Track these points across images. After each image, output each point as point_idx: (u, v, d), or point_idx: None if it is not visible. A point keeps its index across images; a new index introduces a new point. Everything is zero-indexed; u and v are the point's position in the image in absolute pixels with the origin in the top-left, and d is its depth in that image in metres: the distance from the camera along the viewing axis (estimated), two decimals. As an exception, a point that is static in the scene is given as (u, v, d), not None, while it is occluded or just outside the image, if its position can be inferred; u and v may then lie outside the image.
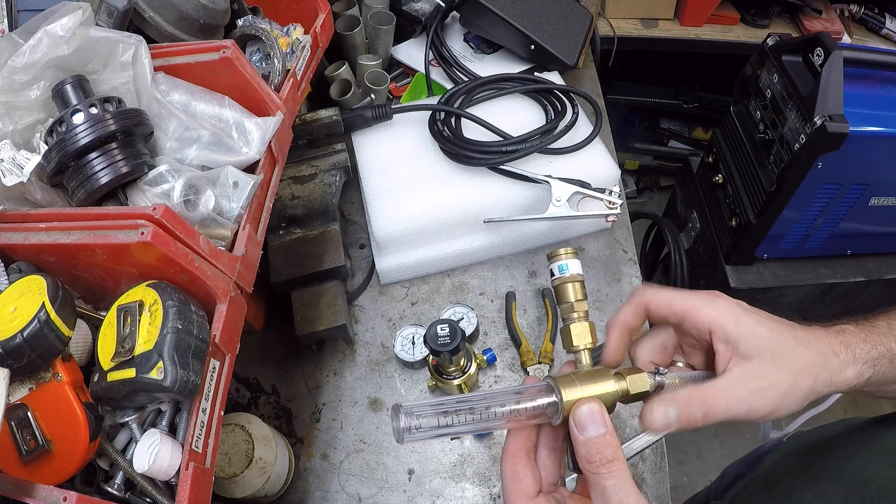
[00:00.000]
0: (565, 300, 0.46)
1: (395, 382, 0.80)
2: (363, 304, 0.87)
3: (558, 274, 0.47)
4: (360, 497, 0.72)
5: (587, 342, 0.45)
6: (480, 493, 0.71)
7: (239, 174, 0.56)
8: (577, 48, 1.03)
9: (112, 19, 0.58)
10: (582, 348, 0.45)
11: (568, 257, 0.47)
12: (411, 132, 0.91)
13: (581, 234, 0.91)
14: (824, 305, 1.21)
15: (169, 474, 0.45)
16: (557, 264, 0.47)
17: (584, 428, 0.37)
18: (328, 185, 0.85)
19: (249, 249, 0.56)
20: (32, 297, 0.42)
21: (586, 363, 0.45)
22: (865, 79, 0.98)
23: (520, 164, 0.83)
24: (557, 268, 0.47)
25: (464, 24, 1.07)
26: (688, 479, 1.52)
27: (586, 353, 0.44)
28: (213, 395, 0.48)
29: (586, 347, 0.45)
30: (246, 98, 0.62)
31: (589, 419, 0.37)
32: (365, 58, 0.97)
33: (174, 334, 0.44)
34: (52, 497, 0.40)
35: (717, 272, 1.18)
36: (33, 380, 0.44)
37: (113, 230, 0.46)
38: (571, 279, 0.46)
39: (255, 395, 0.81)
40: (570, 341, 0.45)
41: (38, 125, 0.54)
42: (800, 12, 1.46)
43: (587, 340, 0.45)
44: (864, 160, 0.94)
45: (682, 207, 1.41)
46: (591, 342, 0.45)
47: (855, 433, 0.53)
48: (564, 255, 0.47)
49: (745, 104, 1.11)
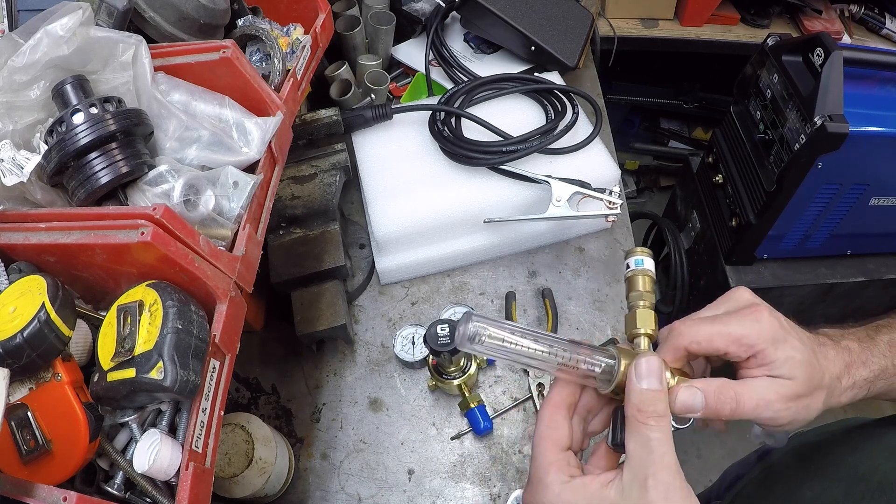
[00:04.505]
0: (635, 289, 0.48)
1: (395, 382, 0.80)
2: (363, 304, 0.87)
3: (633, 267, 0.49)
4: (360, 497, 0.72)
5: (649, 329, 0.46)
6: (480, 492, 0.71)
7: (239, 174, 0.56)
8: (578, 49, 1.02)
9: (112, 19, 0.58)
10: (642, 333, 0.46)
11: (644, 254, 0.49)
12: (411, 132, 0.91)
13: (581, 234, 0.91)
14: (824, 305, 1.21)
15: (169, 474, 0.45)
16: (634, 259, 0.49)
17: (643, 378, 0.38)
18: (328, 185, 0.85)
19: (249, 249, 0.56)
20: (32, 297, 0.42)
21: (644, 348, 0.45)
22: (865, 79, 0.98)
23: (520, 164, 0.83)
24: (634, 262, 0.49)
25: (464, 25, 1.07)
26: (688, 480, 1.52)
27: (645, 339, 0.45)
28: (213, 395, 0.48)
29: (646, 333, 0.45)
30: (246, 98, 0.62)
31: (651, 372, 0.38)
32: (365, 58, 0.97)
33: (174, 334, 0.44)
34: (52, 497, 0.40)
35: (717, 272, 1.18)
36: (33, 380, 0.44)
37: (113, 230, 0.45)
38: (643, 272, 0.48)
39: (255, 395, 0.81)
40: (634, 324, 0.46)
41: (38, 125, 0.53)
42: (800, 12, 1.46)
43: (650, 327, 0.46)
44: (864, 160, 0.94)
45: (682, 207, 1.41)
46: (652, 330, 0.46)
47: (854, 432, 0.53)
48: (641, 252, 0.49)
49: (745, 104, 1.11)
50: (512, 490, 0.69)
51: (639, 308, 0.46)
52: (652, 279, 0.48)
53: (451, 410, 0.77)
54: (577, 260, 0.89)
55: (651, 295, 0.48)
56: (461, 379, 0.73)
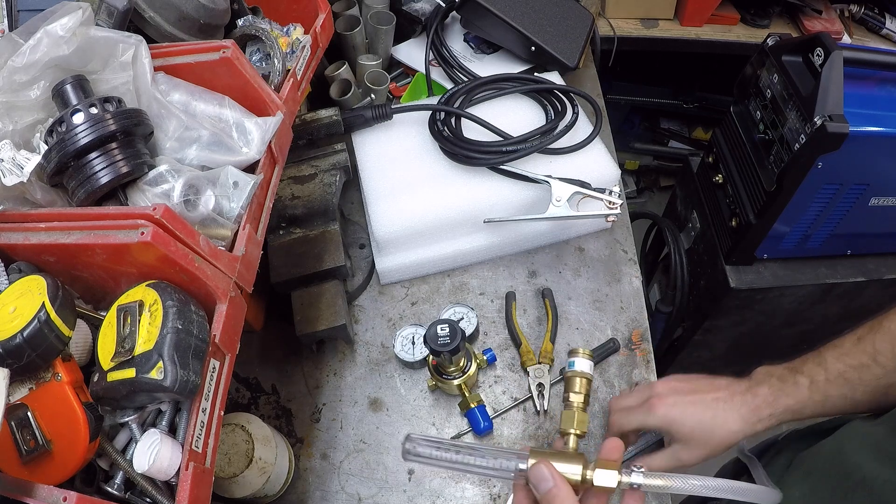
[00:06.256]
0: (572, 390, 0.59)
1: (395, 382, 0.80)
2: (363, 304, 0.87)
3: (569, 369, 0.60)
4: (360, 497, 0.72)
5: (580, 430, 0.56)
6: (480, 493, 0.71)
7: (239, 174, 0.56)
8: (578, 49, 1.02)
9: (112, 19, 0.58)
10: (571, 433, 0.56)
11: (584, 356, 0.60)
12: (411, 132, 0.91)
13: (581, 234, 0.91)
14: (824, 305, 1.21)
15: (169, 474, 0.45)
16: (569, 360, 0.61)
17: (537, 486, 0.44)
18: (328, 185, 0.85)
19: (249, 249, 0.56)
20: (32, 297, 0.42)
21: (572, 447, 0.56)
22: (865, 79, 0.98)
23: (520, 164, 0.83)
24: (568, 364, 0.60)
25: (464, 26, 1.07)
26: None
27: (573, 438, 0.55)
28: (213, 395, 0.48)
29: (576, 434, 0.55)
30: (246, 98, 0.62)
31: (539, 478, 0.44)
32: (365, 58, 0.97)
33: (174, 334, 0.44)
34: (52, 497, 0.40)
35: (717, 272, 1.18)
36: (33, 380, 0.44)
37: (113, 230, 0.45)
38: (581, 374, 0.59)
39: (255, 395, 0.81)
40: (568, 423, 0.57)
41: (38, 125, 0.53)
42: (800, 12, 1.46)
43: (581, 429, 0.56)
44: (864, 160, 0.94)
45: (682, 207, 1.41)
46: (582, 431, 0.57)
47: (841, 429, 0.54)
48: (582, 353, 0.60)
49: (745, 104, 1.11)
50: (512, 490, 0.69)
51: (573, 408, 0.56)
52: (588, 381, 0.59)
53: (451, 410, 0.77)
54: (577, 260, 0.89)
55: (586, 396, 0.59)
56: (461, 379, 0.73)
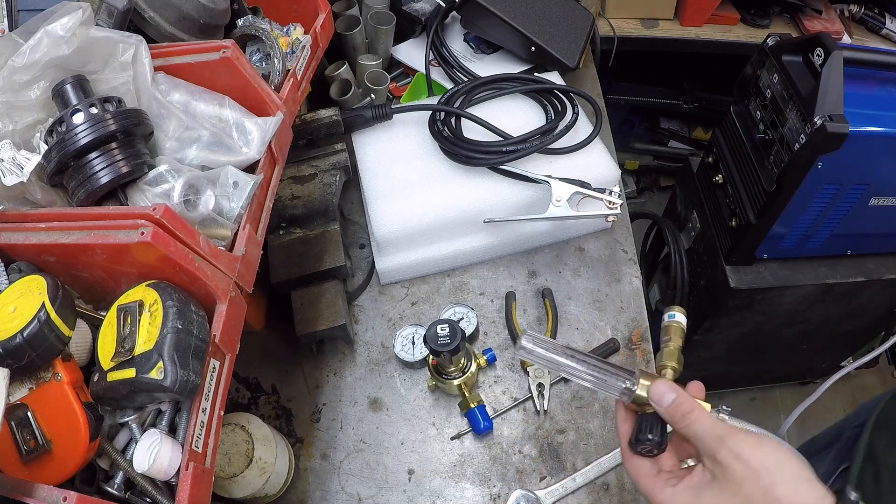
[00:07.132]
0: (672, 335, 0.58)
1: (395, 382, 0.80)
2: (363, 304, 0.87)
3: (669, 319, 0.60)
4: (360, 497, 0.72)
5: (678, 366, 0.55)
6: (480, 492, 0.71)
7: (239, 174, 0.56)
8: (578, 50, 1.02)
9: (112, 19, 0.58)
10: (670, 366, 0.55)
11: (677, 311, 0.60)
12: (411, 132, 0.91)
13: (581, 234, 0.91)
14: (824, 305, 1.21)
15: (169, 474, 0.45)
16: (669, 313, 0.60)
17: (660, 400, 0.45)
18: (328, 185, 0.85)
19: (249, 249, 0.56)
20: (32, 297, 0.42)
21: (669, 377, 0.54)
22: (865, 79, 0.98)
23: (520, 164, 0.83)
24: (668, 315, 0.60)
25: (464, 26, 1.07)
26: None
27: (671, 371, 0.54)
28: (213, 395, 0.48)
29: (673, 367, 0.55)
30: (246, 98, 0.62)
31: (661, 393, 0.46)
32: (365, 58, 0.97)
33: (174, 334, 0.44)
34: (52, 497, 0.40)
35: (717, 272, 1.18)
36: (33, 380, 0.44)
37: (113, 230, 0.45)
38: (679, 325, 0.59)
39: (255, 395, 0.81)
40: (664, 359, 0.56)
41: (38, 125, 0.53)
42: (800, 12, 1.46)
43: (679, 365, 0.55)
44: (864, 160, 0.94)
45: (682, 207, 1.41)
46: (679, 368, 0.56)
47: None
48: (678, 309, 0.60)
49: (745, 104, 1.11)
50: (512, 490, 0.69)
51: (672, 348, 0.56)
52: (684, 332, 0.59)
53: (451, 410, 0.77)
54: (577, 260, 0.89)
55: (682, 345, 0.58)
56: (461, 379, 0.73)
